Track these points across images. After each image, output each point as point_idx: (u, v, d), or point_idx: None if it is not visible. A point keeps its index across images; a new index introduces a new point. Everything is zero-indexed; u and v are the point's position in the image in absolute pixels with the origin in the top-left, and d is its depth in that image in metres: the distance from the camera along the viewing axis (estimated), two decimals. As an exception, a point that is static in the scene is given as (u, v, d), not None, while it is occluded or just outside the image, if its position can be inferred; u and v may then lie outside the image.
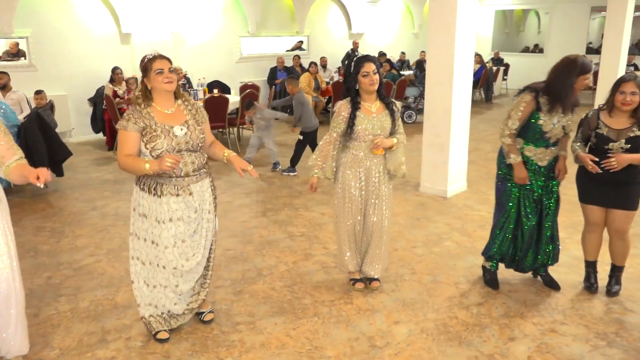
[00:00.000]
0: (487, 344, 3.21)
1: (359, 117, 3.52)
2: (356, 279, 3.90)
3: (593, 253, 3.80)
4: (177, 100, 3.10)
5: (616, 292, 3.77)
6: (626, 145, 3.34)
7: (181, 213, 3.05)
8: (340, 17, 14.11)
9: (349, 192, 3.64)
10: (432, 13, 5.76)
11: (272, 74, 11.43)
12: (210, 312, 3.49)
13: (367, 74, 3.46)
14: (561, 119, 3.47)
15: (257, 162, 7.69)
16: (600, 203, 3.59)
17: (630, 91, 3.31)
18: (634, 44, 16.25)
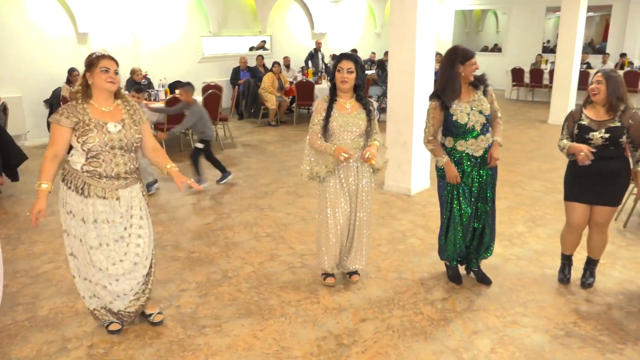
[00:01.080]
0: (451, 338, 3.26)
1: (334, 113, 3.55)
2: (328, 274, 3.93)
3: (572, 248, 3.91)
4: (117, 100, 3.09)
5: (590, 284, 3.88)
6: (605, 134, 3.45)
7: (106, 216, 3.03)
8: (302, 16, 14.11)
9: (330, 191, 3.65)
10: (393, 13, 5.82)
11: (234, 74, 11.34)
12: (160, 314, 3.44)
13: (340, 70, 3.51)
14: (473, 104, 3.55)
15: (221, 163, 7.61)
16: (587, 201, 3.65)
17: (596, 80, 3.47)
18: (587, 44, 16.84)
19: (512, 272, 4.13)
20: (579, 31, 10.13)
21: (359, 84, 3.59)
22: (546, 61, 14.33)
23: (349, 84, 3.53)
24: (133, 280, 3.22)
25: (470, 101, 3.57)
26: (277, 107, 10.48)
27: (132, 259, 3.16)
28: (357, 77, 3.54)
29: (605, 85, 3.43)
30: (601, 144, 3.46)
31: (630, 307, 3.61)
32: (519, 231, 4.96)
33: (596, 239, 3.78)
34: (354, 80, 3.53)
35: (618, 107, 3.45)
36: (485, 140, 3.64)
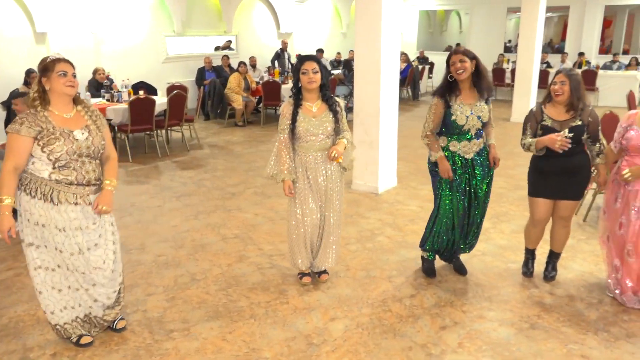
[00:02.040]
0: (420, 334, 3.30)
1: (299, 117, 3.56)
2: (304, 273, 3.94)
3: (535, 242, 4.01)
4: (77, 106, 3.00)
5: (553, 277, 3.99)
6: (569, 134, 3.53)
7: (79, 223, 2.94)
8: (268, 16, 14.06)
9: (298, 192, 3.66)
10: (358, 13, 5.86)
11: (200, 74, 11.20)
12: (122, 320, 3.38)
13: (305, 72, 3.51)
14: (474, 109, 3.63)
15: (186, 164, 7.52)
16: (551, 196, 3.74)
17: (560, 81, 3.54)
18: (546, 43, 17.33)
19: (478, 268, 4.21)
20: (539, 31, 10.41)
21: (324, 83, 3.60)
22: (508, 60, 14.67)
23: (316, 83, 3.54)
24: (110, 289, 3.17)
25: (472, 105, 3.63)
26: (243, 108, 10.41)
27: (110, 267, 3.10)
28: (322, 77, 3.56)
29: (568, 85, 3.51)
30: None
31: (590, 298, 3.73)
32: (484, 227, 5.02)
33: (560, 233, 3.89)
34: (320, 79, 3.54)
35: (578, 106, 3.55)
36: (476, 144, 3.71)
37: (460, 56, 3.55)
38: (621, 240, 3.52)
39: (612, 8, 15.83)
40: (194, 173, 7.07)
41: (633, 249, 3.46)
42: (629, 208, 3.44)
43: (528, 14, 10.35)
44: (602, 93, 12.65)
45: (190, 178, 6.83)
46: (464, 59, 3.54)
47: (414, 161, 7.44)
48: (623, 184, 3.48)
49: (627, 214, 3.46)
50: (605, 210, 3.66)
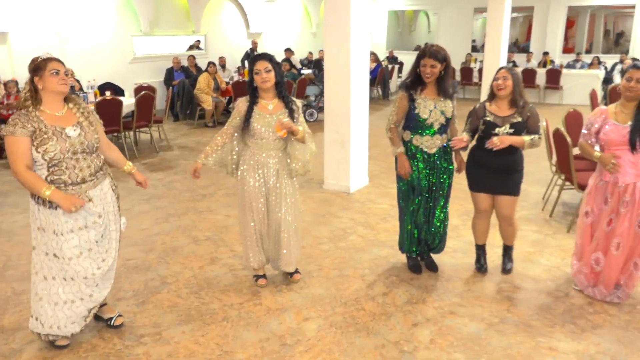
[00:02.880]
0: (393, 332, 3.33)
1: (254, 114, 3.56)
2: (259, 275, 3.93)
3: (482, 237, 4.11)
4: (68, 104, 3.01)
5: (510, 269, 4.09)
6: (510, 129, 3.65)
7: (83, 222, 2.96)
8: (237, 16, 13.96)
9: (247, 190, 3.66)
10: (327, 13, 5.87)
11: (168, 74, 11.04)
12: (120, 317, 3.41)
13: (258, 72, 3.51)
14: (438, 104, 3.69)
15: (156, 166, 7.41)
16: (488, 190, 3.88)
17: (503, 76, 3.65)
18: (512, 43, 17.68)
19: (449, 264, 4.26)
20: (504, 31, 10.62)
21: (279, 82, 3.58)
22: (475, 60, 14.92)
23: (270, 82, 3.52)
24: (110, 281, 3.21)
25: (436, 100, 3.69)
26: (213, 108, 10.32)
27: (112, 255, 3.14)
28: (275, 75, 3.54)
29: (510, 80, 3.63)
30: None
31: (557, 292, 3.82)
32: (454, 224, 5.13)
33: (506, 230, 4.02)
34: (274, 78, 3.53)
35: (519, 103, 3.67)
36: (440, 140, 3.76)
37: (432, 61, 3.59)
38: (609, 235, 3.56)
39: (575, 9, 16.26)
40: (163, 175, 6.97)
41: (621, 241, 3.52)
42: (619, 204, 3.49)
43: (494, 14, 10.55)
44: (566, 91, 12.99)
45: (160, 180, 6.73)
46: (435, 64, 3.59)
47: (385, 160, 7.49)
48: (611, 183, 3.52)
49: (617, 210, 3.51)
50: (589, 213, 3.66)
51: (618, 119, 3.45)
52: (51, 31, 9.60)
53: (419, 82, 3.69)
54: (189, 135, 9.69)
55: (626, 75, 3.39)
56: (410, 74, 3.74)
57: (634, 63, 3.46)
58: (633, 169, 3.42)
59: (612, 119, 3.48)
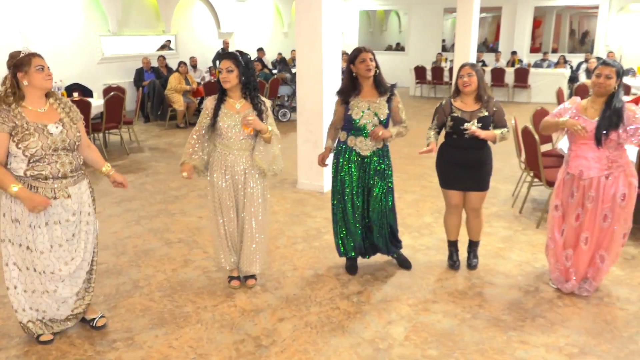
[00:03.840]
0: (368, 330, 3.35)
1: (222, 112, 3.54)
2: (232, 276, 3.91)
3: (454, 233, 4.18)
4: (49, 99, 2.99)
5: (475, 265, 4.17)
6: (478, 124, 3.72)
7: (58, 217, 2.97)
8: (208, 15, 13.84)
9: (217, 190, 3.64)
10: (299, 13, 5.86)
11: (138, 75, 10.87)
12: (102, 317, 3.39)
13: (220, 71, 3.50)
14: (372, 105, 3.73)
15: (126, 168, 7.30)
16: (458, 187, 3.95)
17: (467, 73, 3.72)
18: (482, 43, 17.97)
19: (422, 262, 4.31)
20: (474, 31, 10.79)
21: (246, 82, 3.53)
22: (446, 59, 15.12)
23: (230, 82, 3.48)
24: (79, 279, 3.18)
25: (370, 102, 3.73)
26: (185, 109, 10.20)
27: (81, 256, 3.11)
28: (240, 75, 3.48)
29: (475, 77, 3.72)
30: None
31: (527, 286, 3.90)
32: (427, 222, 5.19)
33: (474, 223, 4.10)
34: (236, 78, 3.48)
35: (484, 97, 3.77)
36: (374, 142, 3.78)
37: (369, 54, 3.68)
38: (578, 230, 3.65)
39: (541, 9, 16.61)
40: (134, 177, 6.86)
41: (590, 236, 3.61)
42: (585, 198, 3.58)
43: (463, 14, 10.71)
44: (534, 90, 13.26)
45: (131, 182, 6.62)
46: (372, 57, 3.69)
47: (358, 159, 7.52)
48: (577, 176, 3.60)
49: (583, 204, 3.60)
50: (558, 207, 3.75)
51: (587, 114, 3.55)
52: (15, 31, 9.35)
53: (353, 87, 3.75)
54: (160, 136, 9.56)
55: (596, 72, 3.49)
56: (345, 80, 3.80)
57: (603, 60, 3.57)
58: (597, 164, 3.51)
59: (582, 114, 3.58)
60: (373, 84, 3.76)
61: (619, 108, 3.44)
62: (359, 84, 3.74)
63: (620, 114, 3.42)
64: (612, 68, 3.42)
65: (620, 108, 3.44)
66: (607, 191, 3.52)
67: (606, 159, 3.49)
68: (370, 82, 3.75)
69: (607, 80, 3.42)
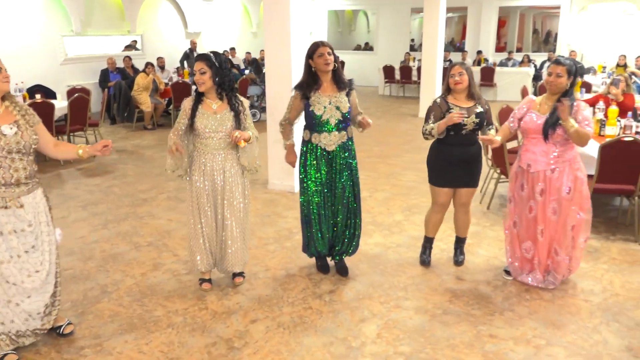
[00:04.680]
0: (340, 329, 3.36)
1: (199, 113, 3.53)
2: (204, 279, 3.87)
3: (434, 230, 4.21)
4: (5, 102, 2.92)
5: (462, 261, 4.23)
6: (476, 119, 3.77)
7: (12, 226, 2.87)
8: (174, 15, 13.66)
9: (195, 191, 3.62)
10: (267, 13, 5.84)
11: (103, 76, 10.64)
12: (70, 324, 3.31)
13: (195, 72, 3.49)
14: (333, 100, 3.74)
15: (93, 172, 7.14)
16: (451, 184, 3.95)
17: (458, 72, 3.77)
18: (448, 42, 18.23)
19: (393, 259, 4.35)
20: (440, 31, 10.92)
21: (220, 82, 3.52)
22: (414, 59, 15.28)
23: (204, 84, 3.47)
24: (46, 294, 3.07)
25: (331, 96, 3.73)
26: (152, 110, 10.04)
27: (47, 269, 3.02)
28: (213, 76, 3.47)
29: (466, 75, 3.78)
30: (472, 128, 3.79)
31: (496, 281, 3.98)
32: (397, 220, 5.24)
33: (462, 219, 4.14)
34: (209, 79, 3.47)
35: (475, 94, 3.83)
36: (339, 137, 3.77)
37: (327, 48, 3.69)
38: (533, 222, 3.76)
39: (505, 9, 16.94)
40: (101, 180, 6.72)
41: (545, 229, 3.72)
42: (535, 191, 3.69)
43: (430, 14, 10.83)
44: (499, 88, 13.53)
45: (97, 185, 6.48)
46: (330, 52, 3.69)
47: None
48: (525, 169, 3.72)
49: (533, 197, 3.72)
50: (511, 199, 3.88)
51: (541, 110, 3.67)
52: (-27, 31, 9.06)
53: (313, 81, 3.73)
54: (127, 138, 9.39)
55: (548, 70, 3.63)
56: (303, 75, 3.78)
57: (556, 58, 3.68)
58: (544, 158, 3.64)
59: (535, 110, 3.69)
60: (332, 79, 3.75)
61: (570, 105, 3.55)
62: (319, 78, 3.73)
63: (571, 112, 3.54)
64: (563, 67, 3.54)
65: (571, 106, 3.55)
66: (553, 185, 3.64)
67: (553, 153, 3.62)
68: (330, 77, 3.74)
69: (558, 78, 3.54)
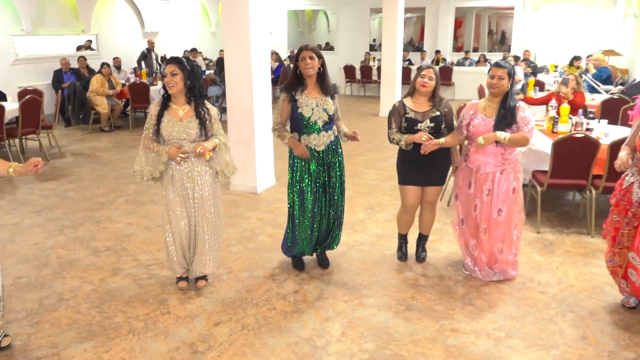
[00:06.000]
0: (305, 328, 3.36)
1: (164, 119, 3.48)
2: (181, 277, 3.86)
3: (407, 228, 4.29)
4: None
5: (424, 257, 4.30)
6: (430, 123, 3.83)
7: None
8: (131, 14, 13.36)
9: (168, 197, 3.60)
10: (226, 12, 5.78)
11: (57, 77, 10.30)
12: (6, 337, 3.16)
13: (166, 75, 3.42)
14: (319, 102, 3.79)
15: (47, 176, 6.91)
16: (418, 183, 4.02)
17: (429, 76, 3.82)
18: (407, 42, 18.48)
19: (357, 258, 4.38)
20: (399, 31, 11.07)
21: (191, 86, 3.48)
22: (374, 58, 15.43)
23: (176, 86, 3.42)
24: None
25: (317, 98, 3.77)
26: (109, 111, 9.79)
27: None
28: (185, 79, 3.43)
29: (435, 81, 3.83)
30: (427, 132, 3.83)
31: (457, 276, 4.06)
32: (360, 218, 5.28)
33: (427, 217, 4.21)
34: (181, 81, 3.42)
35: (436, 98, 3.89)
36: (326, 136, 3.83)
37: (310, 53, 3.71)
38: (477, 220, 3.88)
39: (462, 9, 17.30)
40: (56, 184, 6.51)
41: (487, 227, 3.83)
42: (482, 191, 3.80)
43: (389, 14, 10.96)
44: (457, 87, 13.81)
45: (52, 190, 6.28)
46: (313, 56, 3.72)
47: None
48: (474, 170, 3.82)
49: (480, 196, 3.82)
50: (458, 196, 4.00)
51: (486, 113, 3.77)
52: None
53: (299, 82, 3.77)
54: (83, 140, 9.13)
55: (490, 74, 3.72)
56: (290, 77, 3.82)
57: (496, 62, 3.79)
58: (493, 160, 3.75)
59: (480, 113, 3.79)
60: (317, 82, 3.79)
61: (513, 107, 3.70)
62: (304, 80, 3.78)
63: (514, 113, 3.69)
64: (504, 69, 3.66)
65: (514, 107, 3.69)
66: (501, 186, 3.77)
67: (501, 155, 3.75)
68: (314, 80, 3.78)
69: (500, 81, 3.66)
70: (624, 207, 3.41)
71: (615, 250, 3.48)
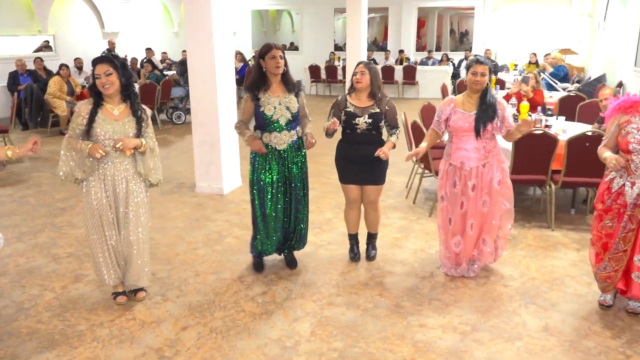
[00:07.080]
0: (274, 330, 3.35)
1: (98, 118, 3.30)
2: (117, 292, 3.67)
3: (354, 226, 4.30)
4: None
5: (374, 256, 4.33)
6: (369, 119, 3.89)
7: None
8: (90, 14, 13.04)
9: (96, 201, 3.37)
10: (188, 12, 5.70)
11: (12, 79, 9.95)
12: None
13: (98, 76, 3.26)
14: (282, 100, 3.80)
15: (3, 182, 6.68)
16: (356, 182, 4.07)
17: (360, 71, 3.89)
18: (372, 42, 18.65)
19: (325, 257, 4.39)
20: (363, 30, 11.16)
21: (126, 84, 3.36)
22: (338, 58, 15.49)
23: (112, 86, 3.28)
24: None
25: (281, 97, 3.78)
26: (69, 114, 9.52)
27: None
28: (120, 77, 3.30)
29: (368, 75, 3.89)
30: (365, 128, 3.91)
31: (423, 272, 4.11)
32: (328, 218, 5.29)
33: (372, 215, 4.26)
34: (117, 80, 3.29)
35: (377, 95, 3.94)
36: (288, 136, 3.84)
37: (280, 51, 3.75)
38: (464, 217, 3.91)
39: (424, 9, 17.55)
40: (13, 190, 6.29)
41: (475, 222, 3.88)
42: (467, 187, 3.85)
43: (352, 14, 11.03)
44: (421, 86, 13.99)
45: (9, 196, 6.07)
46: (282, 54, 3.76)
47: (257, 159, 7.48)
48: (458, 167, 3.85)
49: (466, 192, 3.86)
50: (444, 197, 4.00)
51: (465, 108, 3.82)
52: None
53: (262, 81, 3.78)
54: (42, 144, 8.83)
55: (471, 70, 3.76)
56: (254, 75, 3.82)
57: (477, 58, 3.84)
58: (476, 154, 3.81)
59: (459, 108, 3.83)
60: (281, 81, 3.82)
61: (493, 102, 3.76)
62: (268, 79, 3.77)
63: (495, 107, 3.76)
64: (485, 66, 3.74)
65: (494, 102, 3.76)
66: (484, 178, 3.83)
67: (483, 149, 3.80)
68: (279, 79, 3.81)
69: (482, 77, 3.73)
70: (618, 210, 3.33)
71: (609, 256, 3.38)
